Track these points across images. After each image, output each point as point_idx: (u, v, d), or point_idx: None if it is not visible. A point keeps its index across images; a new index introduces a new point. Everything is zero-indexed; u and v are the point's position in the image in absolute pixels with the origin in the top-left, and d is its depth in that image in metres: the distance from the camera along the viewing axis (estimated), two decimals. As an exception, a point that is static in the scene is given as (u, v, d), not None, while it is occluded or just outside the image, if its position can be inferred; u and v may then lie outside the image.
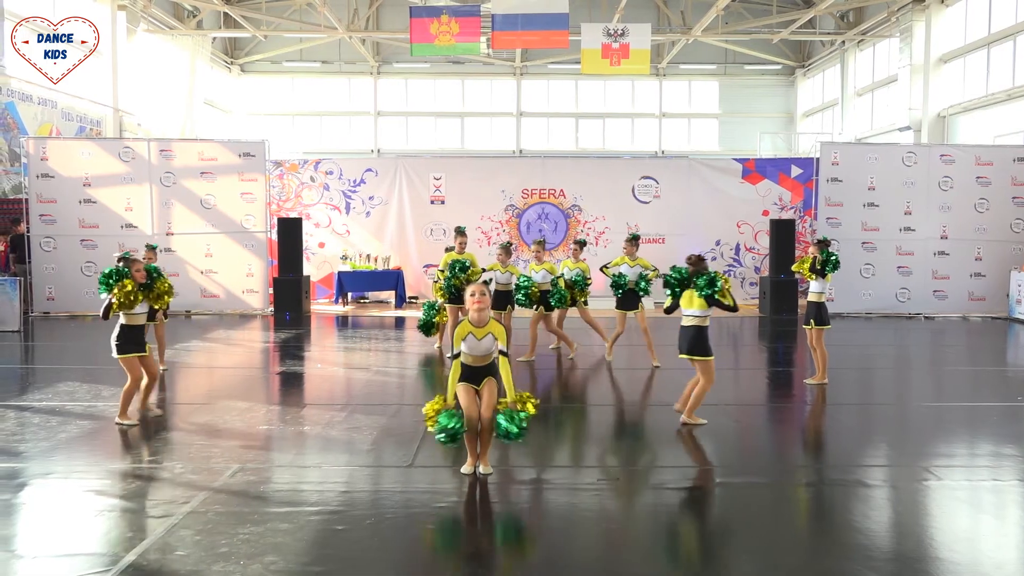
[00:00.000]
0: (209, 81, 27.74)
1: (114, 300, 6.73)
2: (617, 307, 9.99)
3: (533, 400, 5.41)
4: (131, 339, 6.87)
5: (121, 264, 6.90)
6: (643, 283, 9.86)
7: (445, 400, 5.37)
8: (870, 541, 4.43)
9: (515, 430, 5.19)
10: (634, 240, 10.17)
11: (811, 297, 8.69)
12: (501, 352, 5.36)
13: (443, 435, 5.21)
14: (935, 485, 5.38)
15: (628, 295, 9.86)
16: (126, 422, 6.82)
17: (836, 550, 4.31)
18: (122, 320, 6.89)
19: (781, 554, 4.31)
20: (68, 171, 15.51)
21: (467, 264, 10.19)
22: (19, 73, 16.82)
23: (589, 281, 10.45)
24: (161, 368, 9.40)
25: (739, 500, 5.16)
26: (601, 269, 10.36)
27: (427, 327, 10.88)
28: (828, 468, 5.98)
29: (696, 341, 6.75)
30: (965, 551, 4.38)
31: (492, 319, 5.37)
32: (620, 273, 9.84)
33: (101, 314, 6.80)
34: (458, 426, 5.19)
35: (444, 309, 10.78)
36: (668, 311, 7.04)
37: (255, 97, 30.96)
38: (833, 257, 8.56)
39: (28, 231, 15.26)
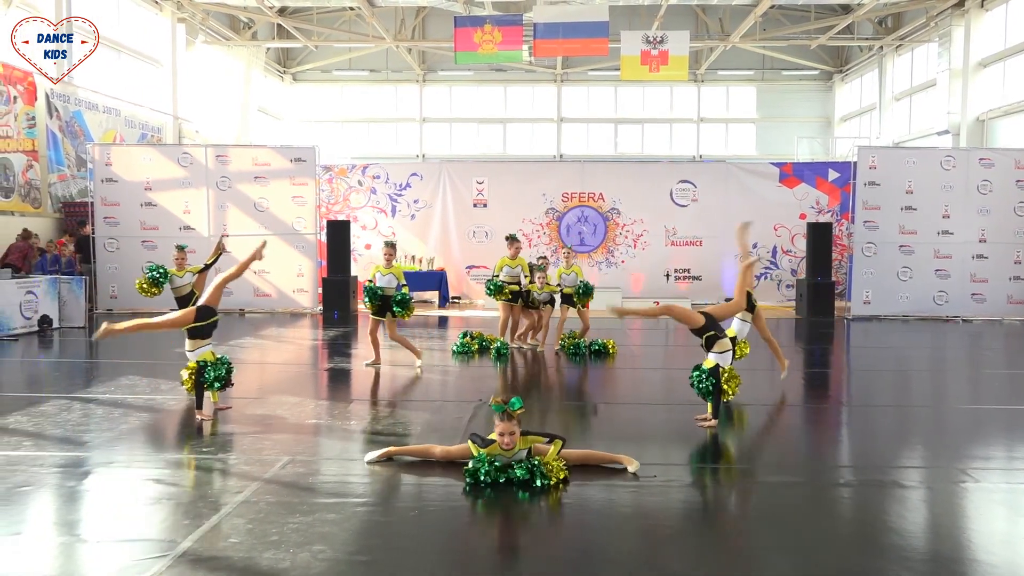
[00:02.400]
0: (263, 89, 28.48)
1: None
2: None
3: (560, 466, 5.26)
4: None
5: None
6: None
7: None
8: (906, 541, 4.40)
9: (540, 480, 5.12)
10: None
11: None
12: (552, 440, 5.38)
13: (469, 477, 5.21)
14: (972, 487, 5.30)
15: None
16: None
17: (872, 550, 4.26)
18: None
19: (816, 553, 4.29)
20: (130, 176, 16.23)
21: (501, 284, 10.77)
22: (86, 83, 17.64)
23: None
24: None
25: (775, 499, 5.16)
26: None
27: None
28: (864, 468, 5.91)
29: None
30: (1003, 553, 4.31)
31: (521, 441, 5.28)
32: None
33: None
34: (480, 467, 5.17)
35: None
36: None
37: (306, 105, 31.69)
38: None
39: (93, 233, 15.93)
